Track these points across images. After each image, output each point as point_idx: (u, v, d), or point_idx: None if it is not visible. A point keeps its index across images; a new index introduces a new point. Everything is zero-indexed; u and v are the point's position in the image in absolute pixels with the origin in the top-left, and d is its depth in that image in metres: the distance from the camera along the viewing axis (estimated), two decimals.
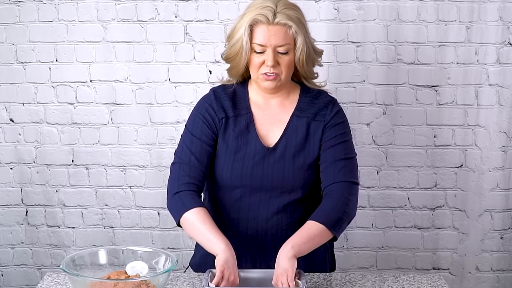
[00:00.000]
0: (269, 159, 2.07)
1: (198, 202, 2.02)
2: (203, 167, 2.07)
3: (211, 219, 1.98)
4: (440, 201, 2.94)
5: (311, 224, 1.96)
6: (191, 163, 2.06)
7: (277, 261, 1.88)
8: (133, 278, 1.78)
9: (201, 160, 2.07)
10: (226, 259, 1.87)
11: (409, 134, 2.89)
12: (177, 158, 2.10)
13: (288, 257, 1.87)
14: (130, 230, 2.99)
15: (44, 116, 2.93)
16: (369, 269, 2.99)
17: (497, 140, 2.88)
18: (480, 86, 2.85)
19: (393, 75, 2.85)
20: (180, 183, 2.05)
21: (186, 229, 2.02)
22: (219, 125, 2.10)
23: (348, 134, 2.12)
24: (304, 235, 1.94)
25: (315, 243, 1.95)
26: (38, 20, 2.86)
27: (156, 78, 2.88)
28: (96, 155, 2.94)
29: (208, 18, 2.84)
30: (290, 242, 1.91)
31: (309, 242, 1.93)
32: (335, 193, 2.02)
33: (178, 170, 2.07)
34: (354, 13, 2.81)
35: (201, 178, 2.07)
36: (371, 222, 2.96)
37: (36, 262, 3.03)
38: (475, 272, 2.97)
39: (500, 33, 2.80)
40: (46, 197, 2.98)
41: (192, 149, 2.08)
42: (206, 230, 1.96)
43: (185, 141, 2.10)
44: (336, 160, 2.06)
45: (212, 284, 1.82)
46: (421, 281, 2.03)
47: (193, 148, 2.08)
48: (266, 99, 2.13)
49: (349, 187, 2.04)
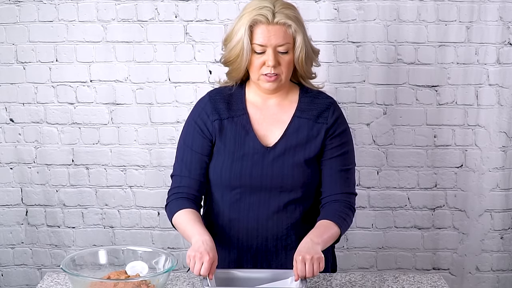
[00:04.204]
0: (268, 158, 2.07)
1: (182, 205, 2.07)
2: (196, 175, 2.11)
3: (191, 216, 2.04)
4: (440, 201, 2.94)
5: (320, 222, 2.04)
6: (182, 173, 2.13)
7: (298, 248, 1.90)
8: (133, 278, 1.78)
9: (192, 169, 2.11)
10: (193, 247, 1.90)
11: (409, 134, 2.89)
12: (173, 169, 2.17)
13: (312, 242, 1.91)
14: (130, 230, 2.99)
15: (44, 116, 2.93)
16: (369, 269, 2.99)
17: (497, 140, 2.88)
18: (480, 86, 2.85)
19: (393, 75, 2.85)
20: (169, 195, 2.14)
21: (180, 233, 2.10)
22: (212, 128, 2.11)
23: (350, 143, 2.15)
24: (317, 230, 2.00)
25: (329, 235, 1.99)
26: (38, 20, 2.86)
27: (156, 78, 2.88)
28: (96, 155, 2.94)
29: (208, 18, 2.83)
30: (308, 237, 1.95)
31: (325, 234, 1.98)
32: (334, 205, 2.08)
33: (172, 182, 2.15)
34: (354, 13, 2.81)
35: (192, 186, 2.11)
36: (371, 222, 2.96)
37: (36, 262, 3.03)
38: (475, 272, 2.97)
39: (500, 33, 2.80)
40: (46, 197, 2.98)
41: (184, 159, 2.13)
42: (185, 229, 2.03)
43: (178, 151, 2.17)
44: (335, 171, 2.10)
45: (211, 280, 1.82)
46: (421, 281, 2.03)
47: (184, 158, 2.13)
48: (264, 100, 2.14)
49: (347, 197, 2.10)
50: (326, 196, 2.10)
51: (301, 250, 1.88)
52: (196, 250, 1.88)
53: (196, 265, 1.85)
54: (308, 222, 2.08)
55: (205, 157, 2.12)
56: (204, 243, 1.90)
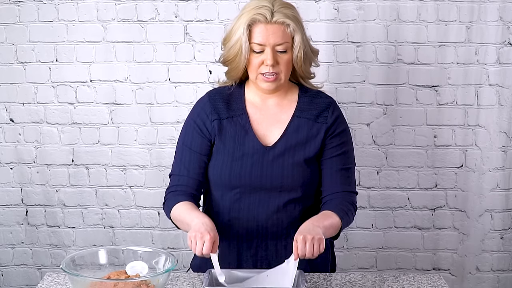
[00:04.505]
0: (268, 158, 2.08)
1: (180, 199, 2.07)
2: (194, 174, 2.11)
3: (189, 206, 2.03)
4: (440, 201, 2.94)
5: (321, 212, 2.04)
6: (180, 172, 2.12)
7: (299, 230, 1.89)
8: (133, 278, 1.78)
9: (190, 168, 2.11)
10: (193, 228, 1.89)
11: (409, 134, 2.89)
12: (171, 169, 2.16)
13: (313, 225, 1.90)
14: (130, 230, 2.99)
15: (44, 116, 2.93)
16: (369, 270, 2.99)
17: (497, 140, 2.88)
18: (480, 86, 2.85)
19: (393, 75, 2.85)
20: (167, 193, 2.14)
21: (179, 225, 2.08)
22: (211, 128, 2.11)
23: (349, 142, 2.15)
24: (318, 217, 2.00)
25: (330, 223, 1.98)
26: (38, 20, 2.86)
27: (156, 78, 2.88)
28: (96, 155, 2.94)
29: (208, 18, 2.84)
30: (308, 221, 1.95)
31: (326, 221, 1.97)
32: (335, 200, 2.07)
33: (170, 181, 2.15)
34: (354, 13, 2.81)
35: (190, 185, 2.11)
36: (371, 223, 2.96)
37: (36, 262, 3.03)
38: (476, 273, 2.97)
39: (500, 33, 2.80)
40: (46, 197, 2.98)
41: (183, 159, 2.13)
42: (184, 219, 2.01)
43: (177, 151, 2.17)
44: (336, 170, 2.10)
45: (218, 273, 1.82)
46: (421, 281, 2.02)
47: (183, 157, 2.13)
48: (263, 99, 2.14)
49: (348, 195, 2.10)
50: (327, 194, 2.10)
51: (302, 231, 1.87)
52: (197, 230, 1.87)
53: (198, 245, 1.84)
54: None
55: (204, 156, 2.12)
56: (204, 224, 1.90)
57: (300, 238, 1.84)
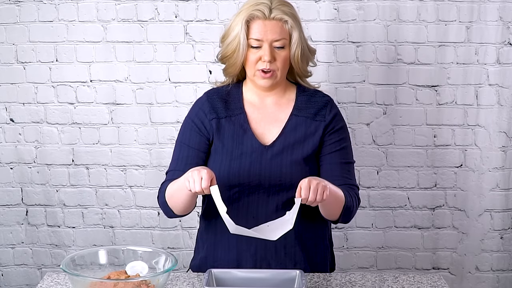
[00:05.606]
0: (266, 156, 2.08)
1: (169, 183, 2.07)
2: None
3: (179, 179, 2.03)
4: (440, 201, 2.94)
5: None
6: (177, 167, 2.12)
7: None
8: (133, 278, 1.78)
9: (188, 163, 2.11)
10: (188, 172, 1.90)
11: (409, 134, 2.89)
12: (168, 167, 2.17)
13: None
14: (130, 230, 2.99)
15: (44, 116, 2.93)
16: (369, 269, 2.99)
17: (497, 140, 2.88)
18: (480, 86, 2.85)
19: (393, 75, 2.85)
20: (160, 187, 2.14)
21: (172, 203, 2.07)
22: (210, 126, 2.12)
23: (348, 139, 2.16)
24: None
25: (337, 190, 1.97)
26: (38, 20, 2.86)
27: (156, 78, 2.88)
28: (96, 155, 2.94)
29: (208, 18, 2.84)
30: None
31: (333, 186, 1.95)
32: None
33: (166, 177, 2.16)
34: (354, 13, 2.81)
35: None
36: (371, 222, 2.96)
37: (36, 262, 3.03)
38: (475, 272, 2.97)
39: (500, 33, 2.80)
40: (46, 197, 2.99)
41: (180, 156, 2.13)
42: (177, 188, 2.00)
43: (175, 150, 2.17)
44: (336, 163, 2.09)
45: None
46: (421, 281, 2.03)
47: (181, 155, 2.14)
48: (261, 98, 2.15)
49: (350, 188, 2.09)
50: None
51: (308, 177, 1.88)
52: (192, 170, 1.90)
53: (196, 181, 1.86)
54: (307, 221, 2.09)
55: (202, 153, 2.12)
56: (197, 167, 1.92)
57: (305, 182, 1.85)
